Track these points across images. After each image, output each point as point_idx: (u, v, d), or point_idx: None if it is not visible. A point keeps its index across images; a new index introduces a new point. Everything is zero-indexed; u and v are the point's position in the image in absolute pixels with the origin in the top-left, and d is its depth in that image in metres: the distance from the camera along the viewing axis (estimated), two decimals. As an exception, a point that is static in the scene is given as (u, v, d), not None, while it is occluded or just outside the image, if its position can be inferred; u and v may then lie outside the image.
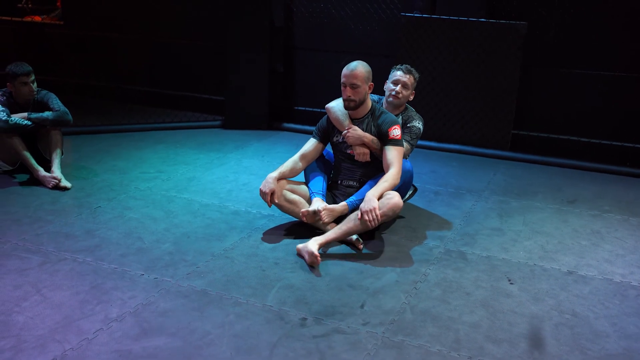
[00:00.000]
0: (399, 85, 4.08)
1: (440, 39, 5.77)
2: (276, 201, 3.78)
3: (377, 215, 3.42)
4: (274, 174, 3.81)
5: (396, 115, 4.12)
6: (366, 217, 3.42)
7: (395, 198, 3.56)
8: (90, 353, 2.59)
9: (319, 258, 3.36)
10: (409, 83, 4.10)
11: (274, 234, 3.82)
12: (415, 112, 4.24)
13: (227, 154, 5.58)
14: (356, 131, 3.77)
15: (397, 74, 4.12)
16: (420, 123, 4.19)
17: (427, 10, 5.85)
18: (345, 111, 3.83)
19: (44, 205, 4.19)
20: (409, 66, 4.18)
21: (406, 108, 4.24)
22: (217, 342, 2.69)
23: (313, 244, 3.45)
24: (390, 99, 4.10)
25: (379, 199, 3.52)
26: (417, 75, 4.19)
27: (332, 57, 6.32)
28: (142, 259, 3.46)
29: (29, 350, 2.59)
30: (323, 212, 3.65)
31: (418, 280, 3.32)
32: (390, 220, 3.91)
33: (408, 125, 4.14)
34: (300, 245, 3.50)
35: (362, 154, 3.81)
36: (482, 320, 2.94)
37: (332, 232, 3.57)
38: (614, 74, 5.50)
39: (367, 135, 3.78)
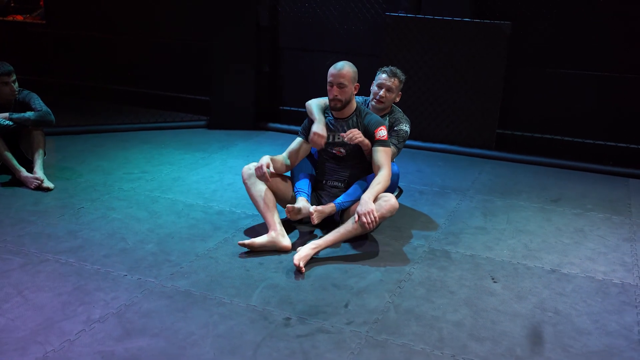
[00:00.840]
0: (383, 90, 4.09)
1: (425, 39, 5.79)
2: (269, 175, 3.68)
3: (375, 218, 3.42)
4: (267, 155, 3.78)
5: (382, 117, 4.12)
6: (364, 220, 3.41)
7: (391, 200, 3.57)
8: (72, 355, 2.57)
9: (303, 270, 3.33)
10: (393, 87, 4.10)
11: (258, 234, 3.80)
12: (402, 114, 4.24)
13: (212, 154, 5.56)
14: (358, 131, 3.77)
15: (382, 77, 4.12)
16: (407, 126, 4.19)
17: (412, 10, 5.86)
18: (321, 105, 3.84)
19: (26, 206, 4.15)
20: (394, 68, 4.17)
21: (392, 110, 4.24)
22: (201, 343, 2.68)
23: (307, 249, 3.43)
24: (374, 102, 4.11)
25: (374, 201, 3.52)
26: (402, 77, 4.18)
27: (318, 56, 6.32)
28: (125, 259, 3.44)
29: (10, 353, 2.57)
30: (315, 214, 3.63)
31: (402, 279, 3.33)
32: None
33: (395, 128, 4.14)
34: (299, 248, 3.48)
35: (353, 137, 3.72)
36: (466, 319, 2.95)
37: (331, 236, 3.54)
38: (599, 74, 5.54)
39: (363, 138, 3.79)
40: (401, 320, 2.92)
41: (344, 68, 3.68)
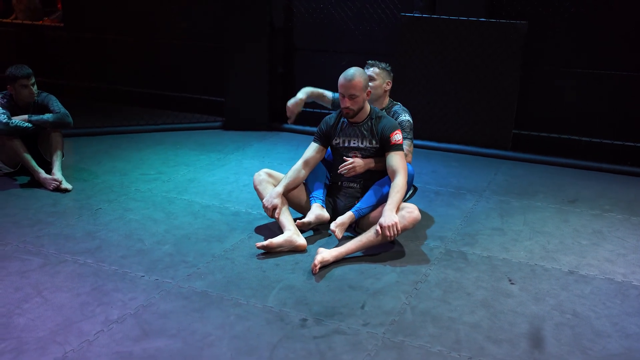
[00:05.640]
0: None
1: (440, 39, 5.76)
2: (277, 217, 3.75)
3: (398, 231, 3.42)
4: (279, 188, 3.78)
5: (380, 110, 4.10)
6: (387, 233, 3.40)
7: (414, 212, 3.55)
8: (90, 355, 2.60)
9: (316, 269, 3.35)
10: (374, 75, 4.05)
11: (274, 235, 3.81)
12: (399, 106, 4.21)
13: (228, 155, 5.58)
14: (359, 162, 3.80)
15: None
16: (407, 115, 4.16)
17: (427, 10, 5.84)
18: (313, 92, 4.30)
19: (44, 207, 4.19)
20: (369, 61, 4.15)
21: (391, 103, 4.20)
22: (218, 344, 2.70)
23: (328, 253, 3.43)
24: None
25: (397, 211, 3.51)
26: (382, 64, 4.14)
27: (332, 57, 6.31)
28: (142, 260, 3.46)
29: (30, 352, 2.60)
30: (337, 231, 3.62)
31: (418, 280, 3.32)
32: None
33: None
34: (320, 248, 3.47)
35: (349, 172, 3.83)
36: (483, 321, 2.94)
37: (352, 244, 3.53)
38: (615, 73, 5.49)
39: (368, 161, 3.82)
40: (418, 322, 2.91)
41: (355, 78, 3.65)
